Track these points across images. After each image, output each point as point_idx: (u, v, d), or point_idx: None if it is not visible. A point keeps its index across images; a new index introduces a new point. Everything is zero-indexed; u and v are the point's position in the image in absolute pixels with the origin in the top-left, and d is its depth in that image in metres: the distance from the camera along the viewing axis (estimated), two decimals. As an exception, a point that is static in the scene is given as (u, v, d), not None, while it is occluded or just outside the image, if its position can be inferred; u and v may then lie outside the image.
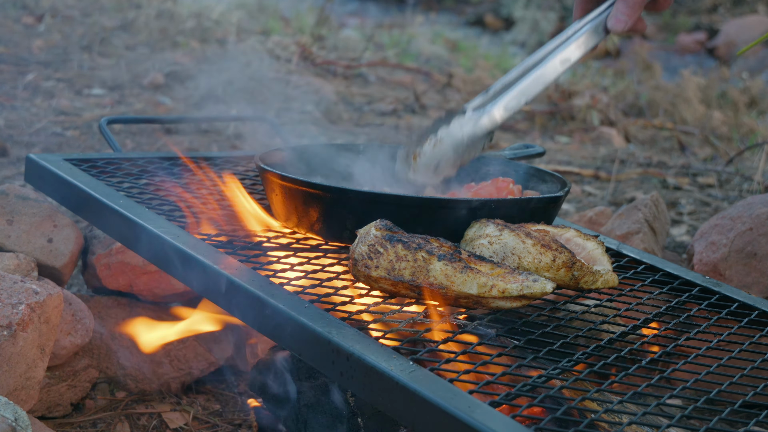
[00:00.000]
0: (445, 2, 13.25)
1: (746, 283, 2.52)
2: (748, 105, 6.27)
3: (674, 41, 10.62)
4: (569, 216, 3.67)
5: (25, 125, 4.39)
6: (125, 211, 2.09)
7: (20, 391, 2.04)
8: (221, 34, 6.81)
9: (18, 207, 2.44)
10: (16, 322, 1.99)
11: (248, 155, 2.71)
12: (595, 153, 5.02)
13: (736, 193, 4.22)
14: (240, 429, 2.43)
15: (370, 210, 1.92)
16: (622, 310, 1.93)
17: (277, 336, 1.71)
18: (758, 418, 1.54)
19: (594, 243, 1.95)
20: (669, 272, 2.19)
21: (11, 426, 1.71)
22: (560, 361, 1.64)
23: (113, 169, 2.43)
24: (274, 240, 2.08)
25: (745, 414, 1.65)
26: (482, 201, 1.97)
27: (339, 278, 1.90)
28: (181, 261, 1.92)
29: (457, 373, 1.55)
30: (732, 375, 1.67)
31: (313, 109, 5.30)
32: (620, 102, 6.19)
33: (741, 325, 1.93)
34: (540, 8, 11.39)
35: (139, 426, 2.41)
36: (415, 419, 1.45)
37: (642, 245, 2.71)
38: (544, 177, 2.27)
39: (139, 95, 5.19)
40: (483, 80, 6.57)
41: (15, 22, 6.62)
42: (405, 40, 8.07)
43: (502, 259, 1.84)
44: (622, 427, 1.51)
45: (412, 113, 5.55)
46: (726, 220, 2.64)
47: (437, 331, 1.70)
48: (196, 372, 2.59)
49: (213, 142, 4.47)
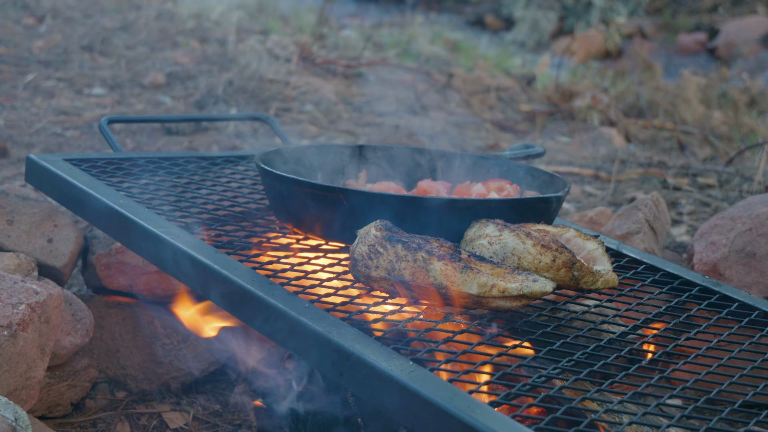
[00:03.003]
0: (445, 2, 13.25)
1: (746, 283, 2.52)
2: (748, 105, 6.27)
3: (674, 41, 10.61)
4: (569, 216, 3.67)
5: (25, 125, 4.39)
6: (125, 211, 2.09)
7: (20, 391, 2.04)
8: (221, 34, 6.81)
9: (18, 207, 2.44)
10: (17, 322, 1.99)
11: (248, 155, 2.71)
12: (596, 153, 5.02)
13: (736, 193, 4.22)
14: (240, 429, 2.43)
15: (370, 210, 1.92)
16: (623, 310, 1.93)
17: (277, 336, 1.71)
18: (758, 418, 1.54)
19: (594, 243, 1.95)
20: (669, 272, 2.19)
21: (11, 426, 1.71)
22: (560, 361, 1.64)
23: (113, 169, 2.43)
24: (274, 240, 2.08)
25: (745, 414, 1.65)
26: (482, 201, 1.97)
27: (339, 278, 1.90)
28: (180, 261, 1.92)
29: (457, 373, 1.55)
30: (732, 375, 1.67)
31: (312, 109, 5.30)
32: (620, 102, 6.19)
33: (741, 325, 1.93)
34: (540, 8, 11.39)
35: (139, 426, 2.41)
36: (415, 419, 1.45)
37: (642, 245, 2.71)
38: (544, 177, 2.27)
39: (140, 95, 5.19)
40: (483, 80, 6.57)
41: (16, 22, 6.62)
42: (405, 40, 8.07)
43: (502, 260, 1.84)
44: (622, 427, 1.51)
45: (412, 113, 5.55)
46: (726, 220, 2.64)
47: (437, 331, 1.70)
48: (196, 372, 2.59)
49: (213, 141, 4.47)
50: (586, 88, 6.45)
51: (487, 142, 5.05)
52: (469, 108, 5.92)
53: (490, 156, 2.39)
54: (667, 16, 11.55)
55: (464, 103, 6.01)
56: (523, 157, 2.53)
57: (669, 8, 11.82)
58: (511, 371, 1.59)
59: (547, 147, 5.01)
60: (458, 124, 5.47)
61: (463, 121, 5.58)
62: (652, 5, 11.96)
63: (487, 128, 5.47)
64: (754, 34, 9.78)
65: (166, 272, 2.07)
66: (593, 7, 11.39)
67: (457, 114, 5.72)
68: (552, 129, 5.63)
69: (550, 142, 5.29)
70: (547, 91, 6.50)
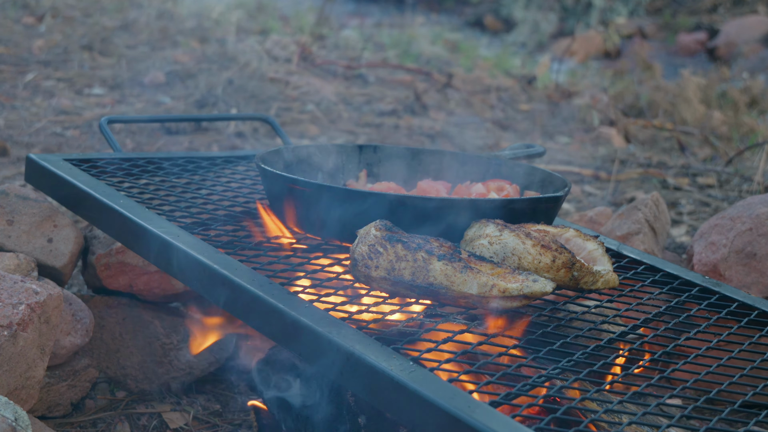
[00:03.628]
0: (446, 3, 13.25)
1: (746, 283, 2.52)
2: (748, 105, 6.26)
3: (674, 41, 10.61)
4: (569, 216, 3.67)
5: (25, 125, 4.39)
6: (125, 211, 2.09)
7: (20, 391, 2.04)
8: (221, 33, 6.81)
9: (18, 207, 2.44)
10: (17, 322, 1.99)
11: (249, 155, 2.71)
12: (595, 153, 5.02)
13: (735, 194, 4.22)
14: (240, 429, 2.43)
15: (370, 210, 1.92)
16: (623, 310, 1.93)
17: (277, 336, 1.71)
18: (758, 418, 1.54)
19: (594, 243, 1.95)
20: (669, 272, 2.19)
21: (11, 426, 1.71)
22: (560, 361, 1.64)
23: (113, 169, 2.43)
24: (274, 240, 2.08)
25: (745, 414, 1.65)
26: (482, 201, 1.97)
27: (339, 278, 1.90)
28: (181, 261, 1.92)
29: (457, 373, 1.55)
30: (732, 375, 1.68)
31: (313, 108, 5.30)
32: (620, 102, 6.19)
33: (741, 325, 1.94)
34: (540, 9, 11.38)
35: (139, 426, 2.41)
36: (415, 419, 1.45)
37: (642, 245, 2.71)
38: (544, 177, 2.26)
39: (140, 95, 5.19)
40: (483, 80, 6.57)
41: (15, 22, 6.62)
42: (405, 41, 8.07)
43: (502, 260, 1.84)
44: (622, 427, 1.51)
45: (412, 113, 5.55)
46: (726, 220, 2.64)
47: (437, 331, 1.70)
48: (196, 372, 2.59)
49: (213, 141, 4.47)
50: (586, 87, 6.45)
51: (487, 142, 5.05)
52: (469, 108, 5.92)
53: (490, 156, 2.39)
54: (667, 15, 11.55)
55: (464, 103, 6.01)
56: (523, 157, 2.53)
57: (669, 8, 11.82)
58: (511, 371, 1.59)
59: (546, 147, 5.01)
60: (458, 124, 5.48)
61: (463, 121, 5.58)
62: (652, 5, 11.96)
63: (487, 128, 5.47)
64: (755, 33, 9.77)
65: (166, 272, 2.07)
66: (593, 8, 11.38)
67: (457, 114, 5.72)
68: (552, 129, 5.62)
69: (550, 142, 5.29)
70: (547, 91, 6.50)
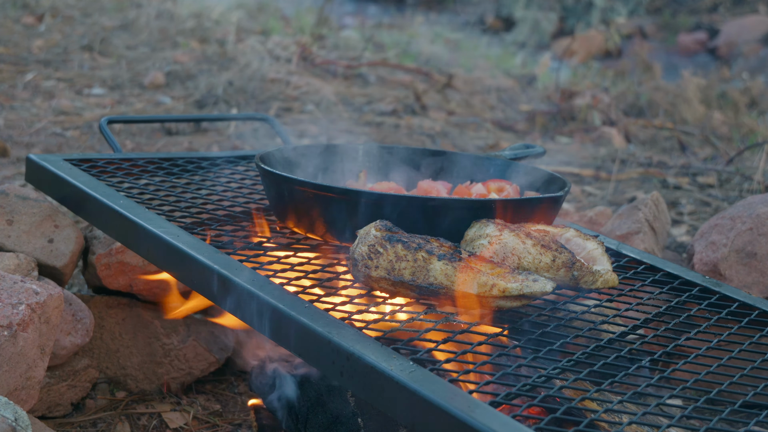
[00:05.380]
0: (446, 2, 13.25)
1: (746, 283, 2.52)
2: (749, 105, 6.26)
3: (674, 41, 10.61)
4: (569, 216, 3.67)
5: (25, 125, 4.39)
6: (125, 211, 2.09)
7: (20, 391, 2.04)
8: (221, 34, 6.81)
9: (18, 207, 2.44)
10: (17, 322, 1.99)
11: (249, 155, 2.71)
12: (596, 153, 5.02)
13: (736, 193, 4.22)
14: (240, 429, 2.43)
15: (370, 210, 1.92)
16: (623, 310, 1.93)
17: (277, 336, 1.71)
18: (758, 418, 1.54)
19: (594, 243, 1.95)
20: (669, 272, 2.19)
21: (11, 426, 1.71)
22: (560, 361, 1.64)
23: (113, 169, 2.43)
24: (274, 240, 2.08)
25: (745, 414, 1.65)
26: (482, 201, 1.97)
27: (339, 278, 1.90)
28: (180, 261, 1.92)
29: (457, 373, 1.55)
30: (732, 375, 1.67)
31: (313, 109, 5.30)
32: (621, 102, 6.19)
33: (741, 325, 1.93)
34: (540, 8, 11.38)
35: (139, 426, 2.41)
36: (415, 419, 1.45)
37: (642, 245, 2.71)
38: (544, 177, 2.26)
39: (140, 95, 5.19)
40: (483, 80, 6.57)
41: (15, 22, 6.62)
42: (405, 41, 8.07)
43: (502, 260, 1.84)
44: (622, 427, 1.51)
45: (412, 113, 5.55)
46: (726, 220, 2.64)
47: (437, 331, 1.70)
48: (196, 372, 2.59)
49: (213, 142, 4.47)
50: (587, 87, 6.44)
51: (487, 142, 5.05)
52: (469, 108, 5.92)
53: (490, 156, 2.39)
54: (667, 15, 11.55)
55: (464, 103, 6.01)
56: (523, 157, 2.53)
57: (669, 8, 11.82)
58: (511, 371, 1.59)
59: (547, 147, 5.01)
60: (458, 124, 5.48)
61: (463, 121, 5.58)
62: (652, 5, 11.95)
63: (488, 128, 5.47)
64: (755, 33, 9.77)
65: (166, 272, 2.07)
66: (594, 7, 11.38)
67: (457, 114, 5.72)
68: (552, 129, 5.62)
69: (550, 142, 5.29)
70: (547, 91, 6.50)
